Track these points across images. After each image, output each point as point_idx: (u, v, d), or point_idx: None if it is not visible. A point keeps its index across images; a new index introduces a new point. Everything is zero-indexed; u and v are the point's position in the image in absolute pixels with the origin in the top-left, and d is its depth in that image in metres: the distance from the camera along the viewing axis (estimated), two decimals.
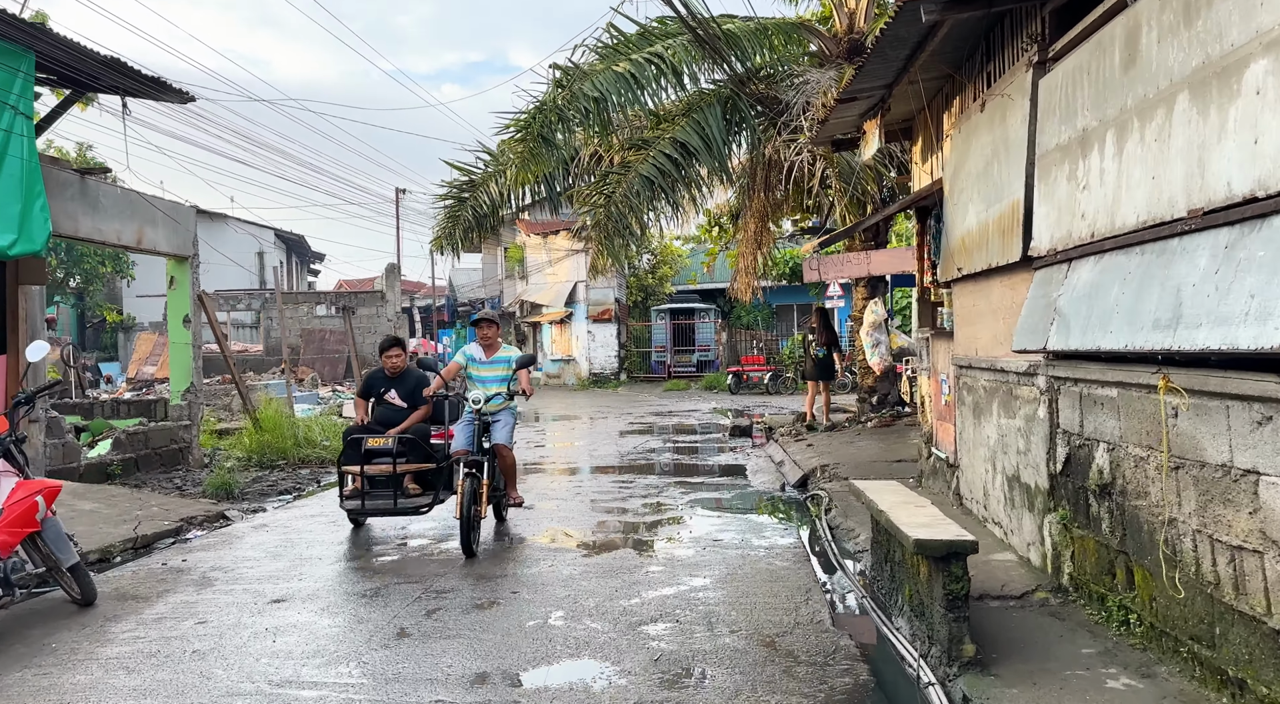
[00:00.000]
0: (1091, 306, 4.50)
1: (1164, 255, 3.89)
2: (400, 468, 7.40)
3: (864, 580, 6.22)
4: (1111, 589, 4.70)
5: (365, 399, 8.17)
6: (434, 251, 13.74)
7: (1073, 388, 5.05)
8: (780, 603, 5.58)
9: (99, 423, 11.44)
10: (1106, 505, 4.70)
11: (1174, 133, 3.83)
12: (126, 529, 7.76)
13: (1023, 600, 5.27)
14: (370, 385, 8.21)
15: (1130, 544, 4.44)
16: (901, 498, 5.67)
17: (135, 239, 10.85)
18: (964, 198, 6.91)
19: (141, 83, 8.54)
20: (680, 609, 5.48)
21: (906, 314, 22.48)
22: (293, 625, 5.33)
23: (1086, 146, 4.71)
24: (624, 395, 27.17)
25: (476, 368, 7.80)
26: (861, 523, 7.40)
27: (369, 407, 8.11)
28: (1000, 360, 6.25)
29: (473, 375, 7.81)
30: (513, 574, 6.38)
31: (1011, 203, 5.79)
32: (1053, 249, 5.13)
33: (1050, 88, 5.22)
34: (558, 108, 10.96)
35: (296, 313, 30.51)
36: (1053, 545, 5.39)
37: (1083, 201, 4.74)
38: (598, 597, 5.77)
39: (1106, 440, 4.65)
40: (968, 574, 4.41)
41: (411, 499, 7.49)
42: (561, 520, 8.45)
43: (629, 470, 11.63)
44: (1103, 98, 4.51)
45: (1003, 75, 6.14)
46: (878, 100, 7.84)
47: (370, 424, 7.84)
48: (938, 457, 8.30)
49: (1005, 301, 6.20)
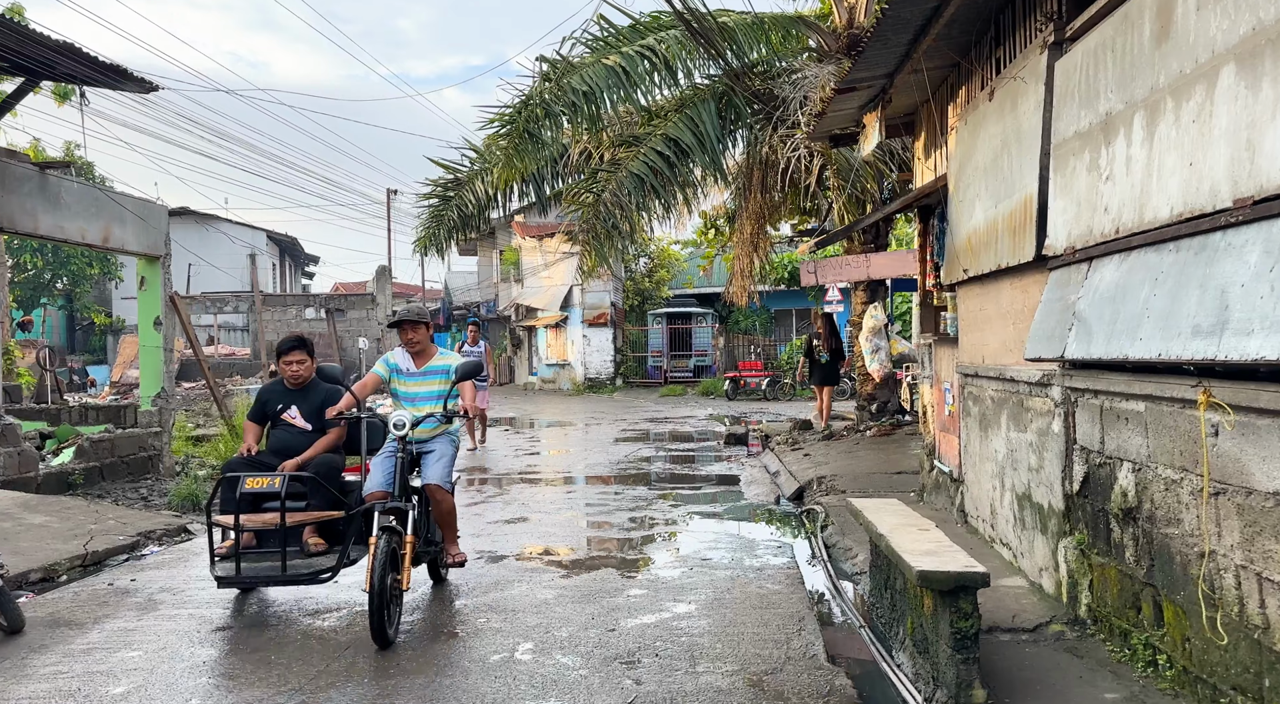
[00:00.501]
0: (1117, 310, 4.03)
1: (1205, 252, 3.42)
2: (292, 518, 5.43)
3: (862, 607, 5.74)
4: (1136, 625, 4.23)
5: (259, 422, 6.17)
6: (417, 252, 13.26)
7: (1092, 400, 4.58)
8: (771, 634, 5.10)
9: (65, 429, 10.95)
10: (1131, 532, 4.22)
11: (1217, 112, 3.36)
12: (76, 545, 7.27)
13: (1036, 634, 4.79)
14: (264, 402, 6.22)
15: (1159, 576, 3.96)
16: (903, 519, 5.19)
17: (101, 237, 10.38)
18: (970, 194, 6.44)
19: (99, 70, 8.08)
20: (661, 640, 5.00)
21: (906, 319, 22.02)
22: (232, 658, 4.85)
23: (1110, 132, 4.24)
24: (619, 401, 26.69)
25: (403, 382, 6.00)
26: (860, 542, 6.92)
27: (263, 431, 6.21)
28: (1010, 369, 5.78)
29: (398, 391, 6.03)
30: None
31: (1023, 198, 5.32)
32: (1070, 247, 4.66)
33: (1068, 70, 4.75)
34: (544, 102, 10.50)
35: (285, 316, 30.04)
36: (1068, 572, 4.91)
37: (1106, 194, 4.27)
38: (572, 625, 5.29)
39: (1131, 460, 4.17)
40: (978, 611, 3.94)
41: (310, 561, 5.54)
42: (543, 536, 7.98)
43: (619, 481, 11.15)
44: (1130, 77, 4.04)
45: (1014, 60, 5.67)
46: (878, 91, 7.38)
47: (261, 455, 5.96)
48: (940, 470, 7.82)
49: (1016, 305, 5.73)
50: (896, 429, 13.24)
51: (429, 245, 12.96)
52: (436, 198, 12.93)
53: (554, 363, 32.44)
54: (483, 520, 8.66)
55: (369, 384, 5.95)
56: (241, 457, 5.94)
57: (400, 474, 5.38)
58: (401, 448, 5.43)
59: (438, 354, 6.11)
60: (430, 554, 5.93)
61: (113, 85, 8.74)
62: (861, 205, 12.28)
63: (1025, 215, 5.26)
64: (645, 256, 33.65)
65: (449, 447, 5.94)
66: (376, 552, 4.87)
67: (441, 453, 5.85)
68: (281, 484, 5.35)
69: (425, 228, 13.02)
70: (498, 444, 15.45)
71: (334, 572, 5.42)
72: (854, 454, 11.43)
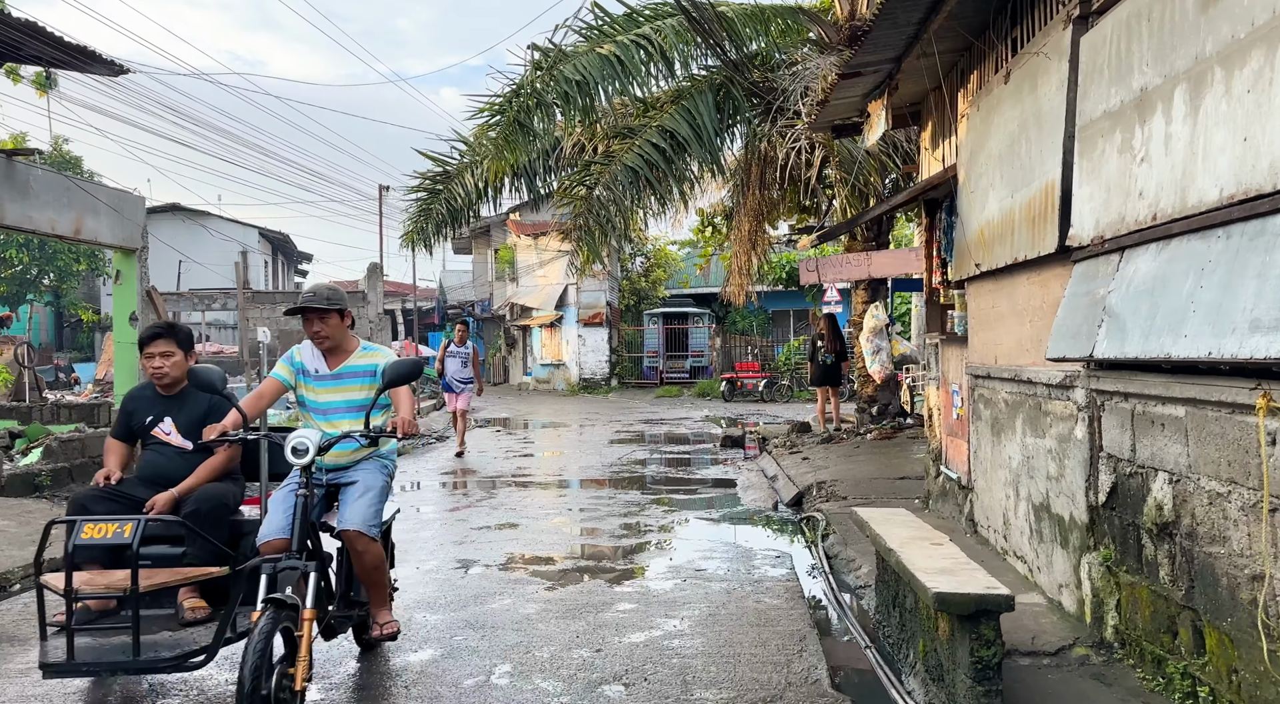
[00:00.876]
0: (1155, 305, 3.64)
1: (1263, 237, 3.04)
2: (150, 579, 3.90)
3: (867, 624, 5.35)
4: (1172, 651, 3.84)
5: (125, 439, 4.71)
6: (404, 246, 12.86)
7: (1122, 404, 4.19)
8: (769, 655, 4.71)
9: (35, 428, 10.54)
10: (1167, 549, 3.84)
11: (1278, 80, 2.97)
12: (33, 552, 6.85)
13: (1059, 657, 4.41)
14: (130, 414, 4.72)
15: (1201, 599, 3.57)
16: (913, 532, 4.81)
17: (73, 229, 9.98)
18: (983, 184, 6.06)
19: (65, 52, 7.68)
20: (650, 663, 4.60)
21: (906, 320, 21.65)
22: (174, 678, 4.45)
23: (1146, 109, 3.86)
24: (614, 402, 26.30)
25: (312, 388, 4.47)
26: (863, 552, 6.54)
27: (130, 452, 4.75)
28: (1026, 370, 5.39)
29: (306, 401, 4.49)
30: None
31: (1044, 185, 4.94)
32: (1099, 237, 4.28)
33: (1095, 44, 4.37)
34: (536, 92, 10.10)
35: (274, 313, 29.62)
36: (1093, 591, 4.53)
37: (1141, 177, 3.88)
38: (554, 645, 4.89)
39: (1169, 470, 3.79)
40: (1001, 638, 3.55)
41: (178, 636, 3.98)
42: (529, 543, 7.59)
43: (613, 484, 10.76)
44: (1170, 47, 3.66)
45: (1032, 39, 5.29)
46: (884, 77, 7.00)
47: (124, 485, 4.45)
48: (947, 476, 7.44)
49: (1034, 301, 5.35)
50: (898, 432, 12.87)
51: (416, 239, 12.55)
52: (425, 191, 12.52)
53: (549, 363, 32.03)
54: (467, 526, 8.27)
55: (266, 394, 4.41)
56: (96, 488, 4.37)
57: (300, 518, 3.81)
58: (305, 482, 3.86)
59: (358, 350, 4.53)
60: (352, 621, 4.45)
61: (80, 67, 8.34)
62: (865, 199, 11.90)
63: (1046, 204, 4.87)
64: (641, 256, 33.29)
65: (377, 477, 4.34)
66: (252, 639, 3.35)
67: (366, 485, 4.25)
68: (134, 533, 3.76)
69: (413, 221, 12.60)
70: (488, 445, 15.06)
71: (210, 653, 3.83)
72: (854, 458, 11.05)
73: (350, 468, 4.38)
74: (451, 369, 12.96)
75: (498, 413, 22.82)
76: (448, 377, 13.02)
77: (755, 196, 13.38)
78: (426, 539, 7.72)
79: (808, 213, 15.89)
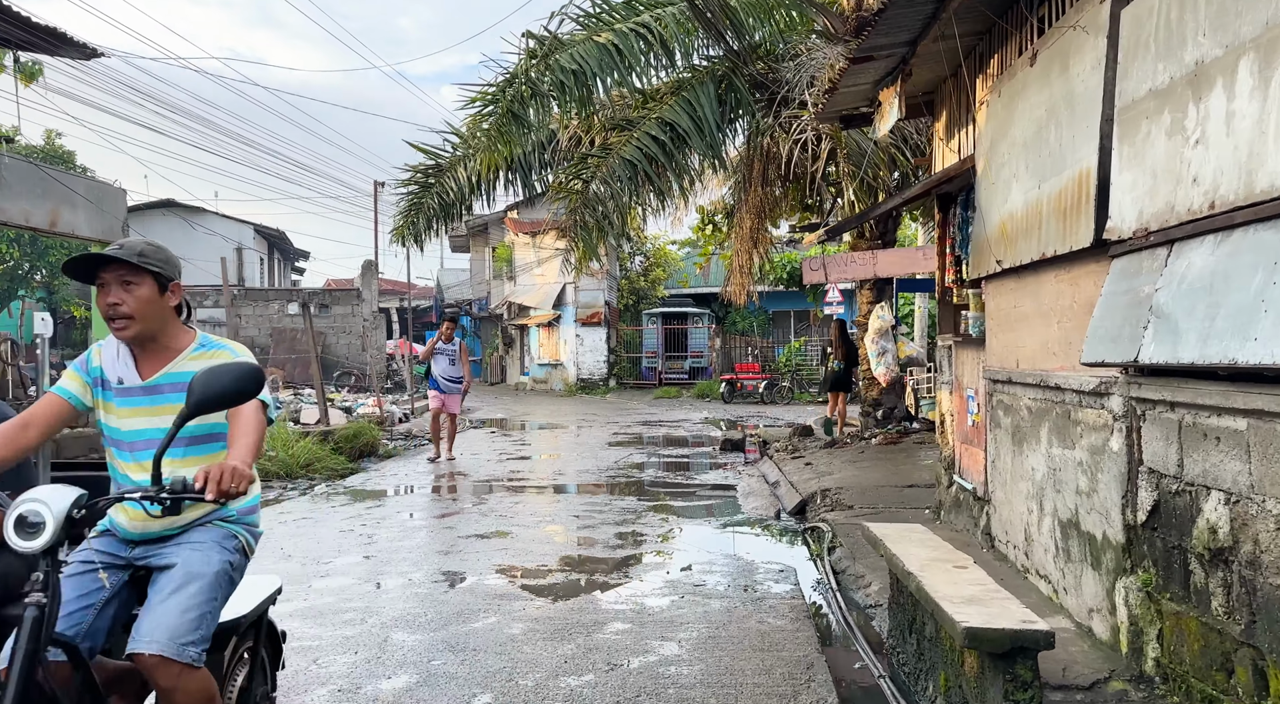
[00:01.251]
0: (1215, 304, 3.24)
1: None
2: None
3: (881, 650, 4.94)
4: (1227, 692, 3.43)
5: None
6: (394, 242, 12.44)
7: (1167, 414, 3.78)
8: (774, 684, 4.30)
9: None
10: (1221, 577, 3.43)
11: None
12: None
13: (1093, 692, 3.99)
14: None
15: (1265, 637, 3.17)
16: (932, 552, 4.40)
17: (49, 221, 9.56)
18: (1005, 174, 5.65)
19: (34, 34, 7.27)
20: (645, 694, 4.20)
21: (909, 322, 21.24)
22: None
23: (1202, 86, 3.45)
24: (612, 403, 25.90)
25: (112, 408, 2.72)
26: (872, 568, 6.14)
27: None
28: (1053, 375, 4.99)
29: (106, 429, 2.74)
30: (439, 639, 4.91)
31: (1077, 174, 4.53)
32: (1143, 229, 3.87)
33: (1139, 17, 3.96)
34: (530, 80, 9.70)
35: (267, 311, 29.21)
36: (1130, 618, 4.12)
37: (1195, 161, 3.48)
38: (540, 671, 4.49)
39: (1225, 489, 3.38)
40: (1039, 679, 3.14)
41: None
42: (519, 553, 7.18)
43: (609, 490, 10.36)
44: (1234, 13, 3.25)
45: (1063, 15, 4.88)
46: (898, 61, 6.60)
47: None
48: (961, 486, 7.03)
49: (1062, 301, 4.94)
50: (904, 436, 12.47)
51: (406, 235, 12.12)
52: (416, 185, 12.10)
53: (546, 363, 31.62)
54: (454, 534, 7.86)
55: (36, 420, 2.64)
56: None
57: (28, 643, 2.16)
58: (45, 581, 2.21)
59: (191, 349, 2.77)
60: None
61: (50, 50, 7.93)
62: (873, 194, 11.49)
63: (1080, 193, 4.46)
64: (641, 255, 32.89)
65: (211, 556, 2.62)
66: None
67: (189, 573, 2.55)
68: None
69: (404, 216, 12.17)
70: (482, 448, 14.65)
71: None
72: (859, 464, 10.64)
73: (170, 539, 2.68)
74: (439, 367, 12.43)
75: (493, 413, 22.42)
76: (435, 375, 12.48)
77: (757, 193, 12.98)
78: (411, 548, 7.32)
79: (810, 211, 15.49)
